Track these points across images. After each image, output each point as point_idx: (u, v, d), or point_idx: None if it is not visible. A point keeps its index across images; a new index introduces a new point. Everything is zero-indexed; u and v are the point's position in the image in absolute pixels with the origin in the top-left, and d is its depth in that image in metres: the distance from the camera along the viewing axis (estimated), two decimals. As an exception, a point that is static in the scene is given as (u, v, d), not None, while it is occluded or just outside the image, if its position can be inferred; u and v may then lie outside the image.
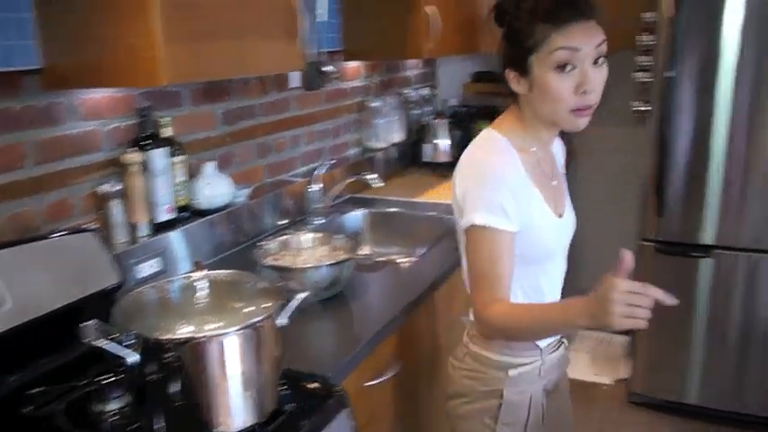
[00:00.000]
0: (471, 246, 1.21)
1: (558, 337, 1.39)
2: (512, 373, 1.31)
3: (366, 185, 2.32)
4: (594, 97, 1.17)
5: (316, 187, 2.22)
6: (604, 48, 1.17)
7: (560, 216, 1.32)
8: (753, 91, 2.37)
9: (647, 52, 2.51)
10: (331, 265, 1.55)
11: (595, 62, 1.16)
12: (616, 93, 3.13)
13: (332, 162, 2.36)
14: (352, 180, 2.31)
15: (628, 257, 1.02)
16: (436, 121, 3.02)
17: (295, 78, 2.13)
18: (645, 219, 2.68)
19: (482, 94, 3.30)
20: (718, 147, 2.46)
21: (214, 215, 1.89)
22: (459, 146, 3.03)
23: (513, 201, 1.19)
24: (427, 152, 3.02)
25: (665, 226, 2.60)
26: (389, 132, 2.90)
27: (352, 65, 2.68)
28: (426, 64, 3.39)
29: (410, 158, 3.12)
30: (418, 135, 3.08)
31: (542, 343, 1.34)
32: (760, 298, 2.52)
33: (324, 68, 2.25)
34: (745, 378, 2.61)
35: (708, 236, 2.55)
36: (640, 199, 2.83)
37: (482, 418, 1.34)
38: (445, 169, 2.97)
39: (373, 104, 2.79)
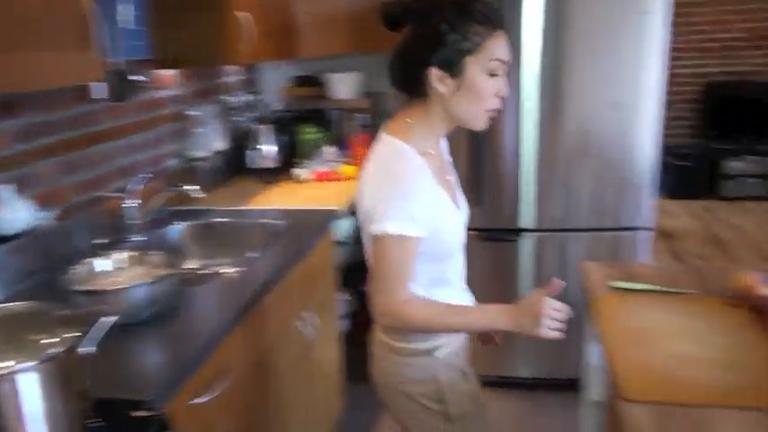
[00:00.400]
0: (383, 251, 1.26)
1: None
2: (438, 354, 1.39)
3: (188, 197, 2.25)
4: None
5: (132, 203, 2.12)
6: None
7: (458, 209, 1.41)
8: (551, 89, 2.62)
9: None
10: (147, 284, 1.48)
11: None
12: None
13: (149, 175, 2.25)
14: (172, 193, 2.22)
15: (557, 284, 1.25)
16: (259, 126, 3.00)
17: (100, 89, 2.00)
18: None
19: (304, 98, 3.32)
20: (527, 141, 2.69)
21: (13, 242, 1.73)
22: (285, 151, 3.04)
23: (424, 208, 1.25)
24: (252, 159, 2.99)
25: (483, 215, 2.80)
26: (211, 141, 2.83)
27: (167, 73, 2.58)
28: (247, 70, 3.35)
29: (236, 166, 3.07)
30: (242, 142, 3.03)
31: None
32: (568, 269, 2.78)
33: (131, 78, 2.14)
34: (561, 347, 2.88)
35: (522, 221, 2.79)
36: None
37: (428, 407, 1.40)
38: (271, 175, 2.96)
39: (192, 113, 2.71)
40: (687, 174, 5.74)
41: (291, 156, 3.08)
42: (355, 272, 3.42)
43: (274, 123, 3.17)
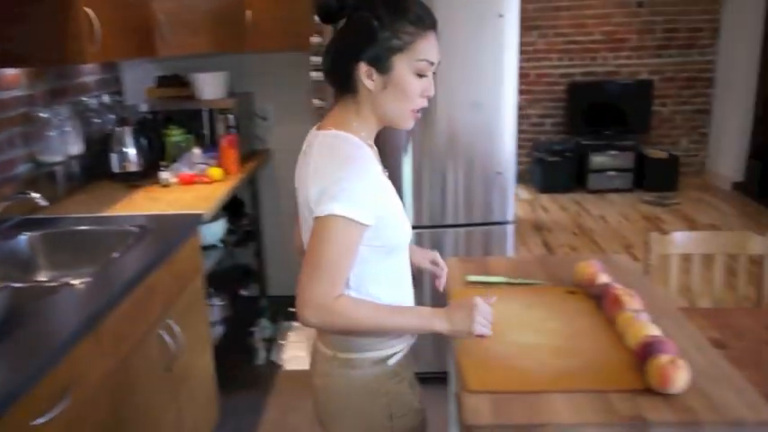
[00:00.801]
0: (324, 235, 1.19)
1: None
2: (392, 362, 1.32)
3: (36, 206, 2.10)
4: None
5: (-32, 213, 1.95)
6: None
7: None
8: None
9: (318, 53, 2.67)
10: (-24, 300, 1.37)
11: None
12: (293, 91, 3.35)
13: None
14: (14, 201, 2.06)
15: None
16: (122, 129, 2.85)
17: None
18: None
19: (169, 98, 3.20)
20: (402, 139, 2.73)
21: None
22: (149, 154, 2.92)
23: (373, 194, 1.21)
24: (115, 162, 2.84)
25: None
26: (66, 144, 2.66)
27: (10, 72, 2.40)
28: (107, 69, 3.18)
29: (97, 171, 2.91)
30: (103, 145, 2.88)
31: None
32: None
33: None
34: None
35: None
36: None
37: (378, 422, 1.32)
38: (135, 179, 2.83)
39: (42, 115, 2.53)
40: (558, 169, 6.07)
41: (157, 159, 2.95)
42: (229, 276, 3.36)
43: (138, 125, 3.03)
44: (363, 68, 1.24)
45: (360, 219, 1.19)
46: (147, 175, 2.84)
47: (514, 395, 1.18)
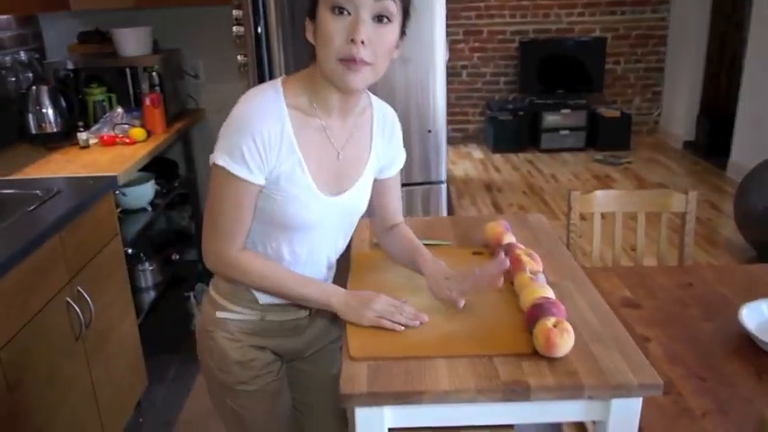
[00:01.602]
0: (214, 185, 1.18)
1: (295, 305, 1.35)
2: (219, 315, 1.33)
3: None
4: (367, 54, 1.10)
5: None
6: (388, 6, 1.11)
7: (336, 194, 1.26)
8: None
9: (239, 6, 2.55)
10: None
11: (379, 20, 1.11)
12: (223, 47, 3.21)
13: None
14: None
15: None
16: (37, 88, 2.71)
17: None
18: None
19: (90, 55, 3.05)
20: None
21: None
22: (69, 114, 2.78)
23: (258, 153, 1.14)
24: (32, 123, 2.70)
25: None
26: (-27, 104, 2.52)
27: None
28: (25, 23, 3.01)
29: (16, 132, 2.77)
30: (20, 105, 2.73)
31: (263, 299, 1.31)
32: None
33: None
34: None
35: None
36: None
37: (205, 357, 1.37)
38: (55, 140, 2.70)
39: (-55, 73, 2.39)
40: (511, 128, 6.04)
41: (78, 119, 2.82)
42: (162, 241, 3.27)
43: (58, 84, 2.89)
44: (307, 23, 1.18)
45: (240, 174, 1.15)
46: (67, 136, 2.72)
47: (396, 362, 1.14)
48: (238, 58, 2.64)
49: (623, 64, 6.35)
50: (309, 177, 1.21)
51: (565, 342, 1.13)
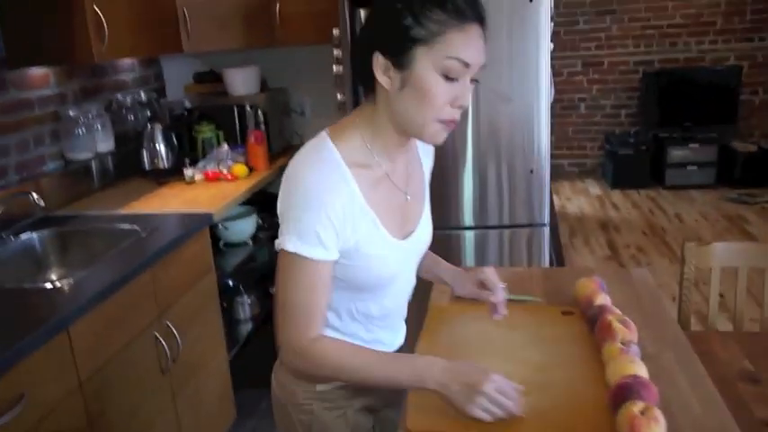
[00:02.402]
0: (283, 271, 1.07)
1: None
2: (320, 388, 1.20)
3: (36, 206, 2.11)
4: (459, 113, 1.07)
5: (-24, 212, 1.98)
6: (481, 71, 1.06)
7: (407, 236, 1.19)
8: None
9: (339, 45, 2.56)
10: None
11: (472, 79, 1.06)
12: (328, 84, 3.24)
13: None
14: (8, 204, 2.08)
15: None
16: (152, 126, 2.86)
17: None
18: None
19: (204, 94, 3.19)
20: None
21: None
22: (179, 150, 2.92)
23: (333, 229, 1.04)
24: (146, 159, 2.85)
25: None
26: (94, 142, 2.69)
27: (38, 72, 2.44)
28: (147, 65, 3.21)
29: (131, 167, 2.94)
30: (137, 142, 2.90)
31: None
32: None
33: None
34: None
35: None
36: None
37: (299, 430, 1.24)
38: (166, 176, 2.84)
39: (70, 113, 2.57)
40: (631, 163, 5.68)
41: (188, 155, 2.95)
42: (261, 274, 3.32)
43: (172, 121, 3.04)
44: (380, 61, 1.03)
45: (315, 256, 1.05)
46: (176, 171, 2.84)
47: (453, 439, 1.03)
48: (338, 96, 2.65)
49: (761, 94, 5.80)
50: (385, 231, 1.13)
51: (653, 432, 0.97)
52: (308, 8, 2.88)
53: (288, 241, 1.05)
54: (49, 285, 1.70)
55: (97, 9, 2.15)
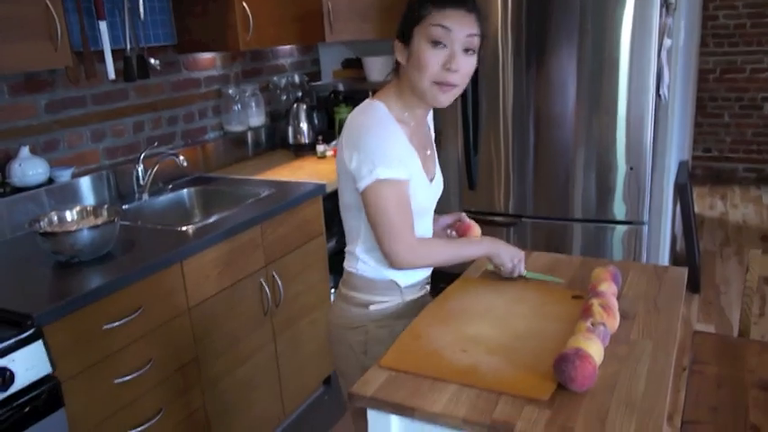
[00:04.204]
0: (378, 199, 1.35)
1: (424, 283, 1.60)
2: (372, 308, 1.51)
3: (183, 167, 2.58)
4: (458, 79, 1.34)
5: (141, 168, 2.51)
6: (475, 41, 1.35)
7: (431, 181, 1.53)
8: (526, 82, 2.63)
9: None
10: (90, 228, 1.84)
11: (466, 51, 1.34)
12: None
13: (156, 146, 2.65)
14: (168, 161, 2.57)
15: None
16: (298, 105, 3.28)
17: (112, 71, 2.39)
18: (462, 192, 2.95)
19: (349, 79, 3.55)
20: (506, 130, 2.73)
21: (26, 192, 2.18)
22: (320, 128, 3.31)
23: (401, 152, 1.38)
24: (290, 134, 3.28)
25: (476, 198, 2.87)
26: (247, 117, 3.17)
27: (207, 56, 2.96)
28: (305, 51, 3.65)
29: (278, 140, 3.40)
30: (286, 119, 3.34)
31: (402, 282, 1.52)
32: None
33: (149, 61, 2.52)
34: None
35: (510, 206, 2.83)
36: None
37: (355, 353, 1.53)
38: (306, 150, 3.25)
39: (230, 91, 3.07)
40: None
41: (326, 133, 3.33)
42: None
43: (318, 102, 3.45)
44: (397, 44, 1.40)
45: (399, 176, 1.36)
46: (313, 147, 3.23)
47: (413, 377, 1.23)
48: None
49: None
50: (421, 170, 1.46)
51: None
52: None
53: (380, 173, 1.34)
54: (180, 228, 2.15)
55: (245, 5, 2.57)
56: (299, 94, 3.47)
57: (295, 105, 3.29)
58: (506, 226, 2.86)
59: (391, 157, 1.35)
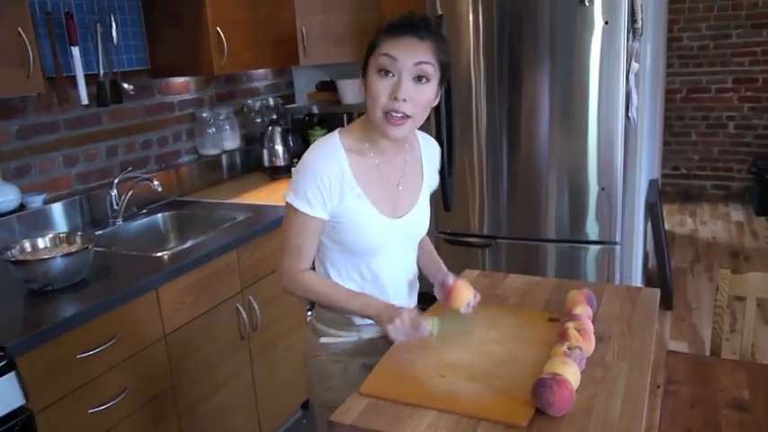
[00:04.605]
0: (285, 216, 1.43)
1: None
2: (323, 340, 1.53)
3: (154, 191, 2.56)
4: (409, 108, 1.31)
5: (115, 192, 2.49)
6: (426, 69, 1.31)
7: (399, 217, 1.46)
8: (498, 105, 2.70)
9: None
10: (63, 255, 1.82)
11: (418, 80, 1.31)
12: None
13: (138, 171, 2.63)
14: (141, 185, 2.56)
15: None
16: (273, 128, 3.29)
17: (84, 97, 2.38)
18: (437, 214, 2.98)
19: (323, 102, 3.57)
20: (479, 149, 2.78)
21: (-1, 219, 2.15)
22: (295, 150, 3.32)
23: (321, 193, 1.35)
24: (265, 157, 3.28)
25: (451, 220, 2.90)
26: (222, 140, 3.17)
27: (180, 80, 2.95)
28: (279, 74, 3.66)
29: (254, 163, 3.39)
30: (260, 142, 3.34)
31: (358, 321, 1.49)
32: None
33: (123, 85, 2.51)
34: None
35: (485, 227, 2.86)
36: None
37: (313, 382, 1.57)
38: (281, 173, 3.25)
39: (204, 115, 3.06)
40: (783, 189, 5.24)
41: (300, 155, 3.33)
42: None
43: (293, 125, 3.46)
44: (360, 78, 1.40)
45: (305, 210, 1.37)
46: (289, 169, 3.23)
47: (393, 404, 1.23)
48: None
49: None
50: (371, 205, 1.41)
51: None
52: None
53: (287, 195, 1.39)
54: (155, 254, 2.13)
55: (219, 30, 2.58)
56: (274, 116, 3.48)
57: (270, 128, 3.29)
58: (481, 247, 2.89)
59: (301, 190, 1.36)
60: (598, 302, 1.63)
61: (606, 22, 2.44)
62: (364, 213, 1.41)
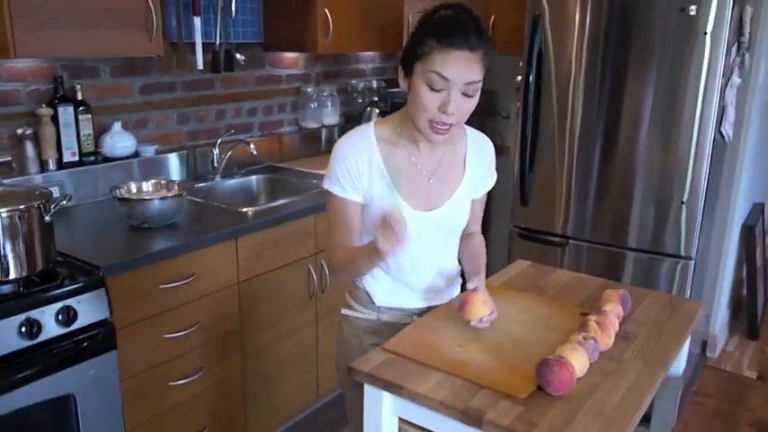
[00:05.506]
0: (327, 205, 1.53)
1: (411, 312, 1.60)
2: (344, 311, 1.64)
3: (250, 153, 2.80)
4: (454, 120, 1.36)
5: (217, 151, 2.76)
6: (475, 87, 1.35)
7: (428, 210, 1.50)
8: (597, 103, 2.68)
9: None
10: (160, 198, 2.08)
11: (465, 94, 1.35)
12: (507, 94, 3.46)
13: (233, 134, 2.89)
14: (239, 147, 2.81)
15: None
16: (371, 109, 3.45)
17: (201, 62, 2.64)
18: (514, 207, 3.02)
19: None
20: (571, 148, 2.78)
21: (117, 162, 2.46)
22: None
23: (350, 175, 1.43)
24: (361, 135, 3.46)
25: (527, 215, 2.93)
26: (322, 115, 3.37)
27: (290, 55, 3.18)
28: (387, 58, 3.82)
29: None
30: (358, 121, 3.52)
31: (377, 299, 1.58)
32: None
33: (235, 55, 2.76)
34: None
35: (560, 227, 2.87)
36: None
37: (339, 345, 1.68)
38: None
39: (308, 90, 3.28)
40: None
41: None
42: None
43: (390, 108, 3.61)
44: (400, 71, 1.43)
45: (339, 194, 1.46)
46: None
47: (409, 362, 1.35)
48: (516, 104, 2.93)
49: None
50: (399, 195, 1.46)
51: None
52: (519, 22, 3.18)
53: (324, 182, 1.50)
54: (241, 209, 2.36)
55: (327, 12, 2.76)
56: (375, 98, 3.65)
57: (368, 108, 3.47)
58: (559, 246, 2.91)
59: (333, 174, 1.45)
60: (639, 306, 1.65)
61: (705, 33, 2.38)
62: (386, 198, 1.45)
